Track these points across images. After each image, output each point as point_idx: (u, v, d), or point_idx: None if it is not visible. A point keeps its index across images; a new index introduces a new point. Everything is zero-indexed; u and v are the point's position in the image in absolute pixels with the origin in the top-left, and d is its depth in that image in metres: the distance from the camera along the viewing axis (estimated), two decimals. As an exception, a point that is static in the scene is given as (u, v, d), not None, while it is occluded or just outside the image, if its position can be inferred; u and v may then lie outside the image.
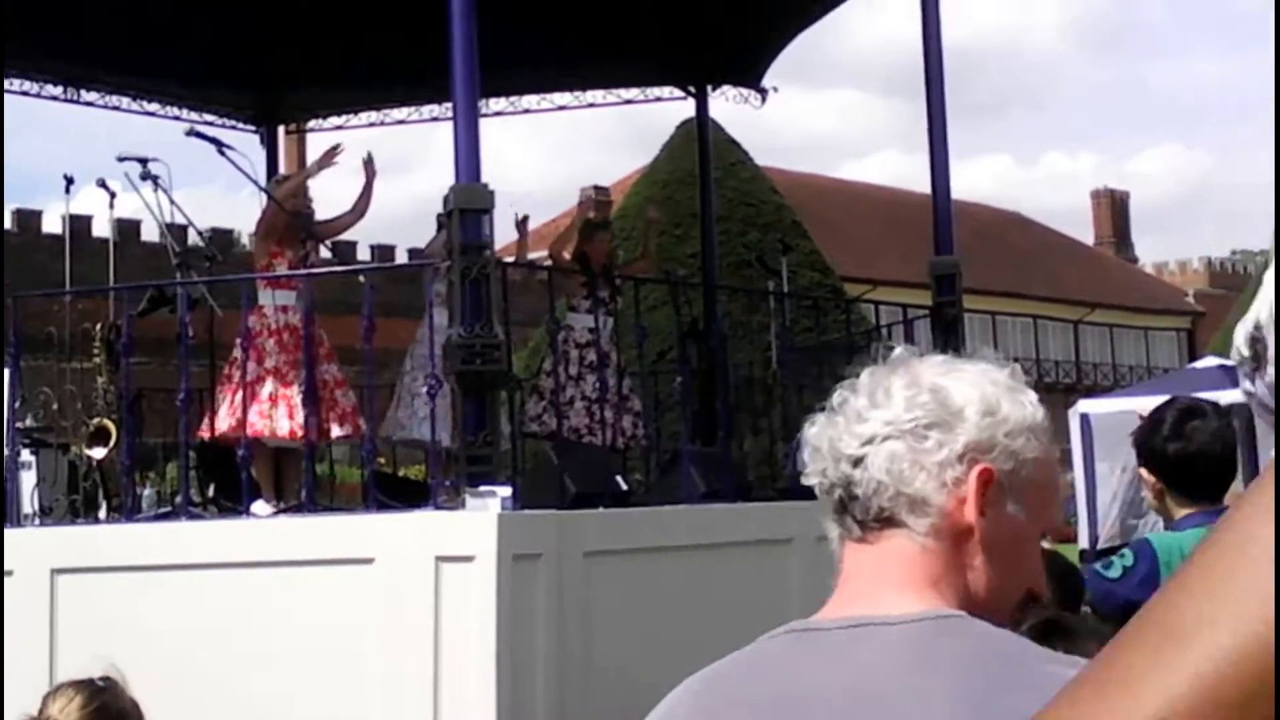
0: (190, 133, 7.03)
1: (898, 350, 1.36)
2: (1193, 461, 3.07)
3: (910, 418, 1.27)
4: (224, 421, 6.45)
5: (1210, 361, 15.89)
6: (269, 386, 6.41)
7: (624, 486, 6.54)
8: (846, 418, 1.31)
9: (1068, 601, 3.02)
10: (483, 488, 5.33)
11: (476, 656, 5.05)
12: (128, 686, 2.52)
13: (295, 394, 6.35)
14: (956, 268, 7.83)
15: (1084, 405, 15.39)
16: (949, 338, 7.79)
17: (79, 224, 18.02)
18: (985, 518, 1.26)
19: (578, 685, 5.06)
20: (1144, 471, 3.17)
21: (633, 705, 1.15)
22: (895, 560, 1.27)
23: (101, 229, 20.51)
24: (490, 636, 5.04)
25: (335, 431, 6.73)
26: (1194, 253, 52.75)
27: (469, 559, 5.16)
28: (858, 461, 1.29)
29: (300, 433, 6.25)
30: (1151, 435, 3.14)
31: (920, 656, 1.20)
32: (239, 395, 6.36)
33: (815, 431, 1.34)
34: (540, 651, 5.14)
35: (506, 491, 5.34)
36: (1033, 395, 1.33)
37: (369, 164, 7.14)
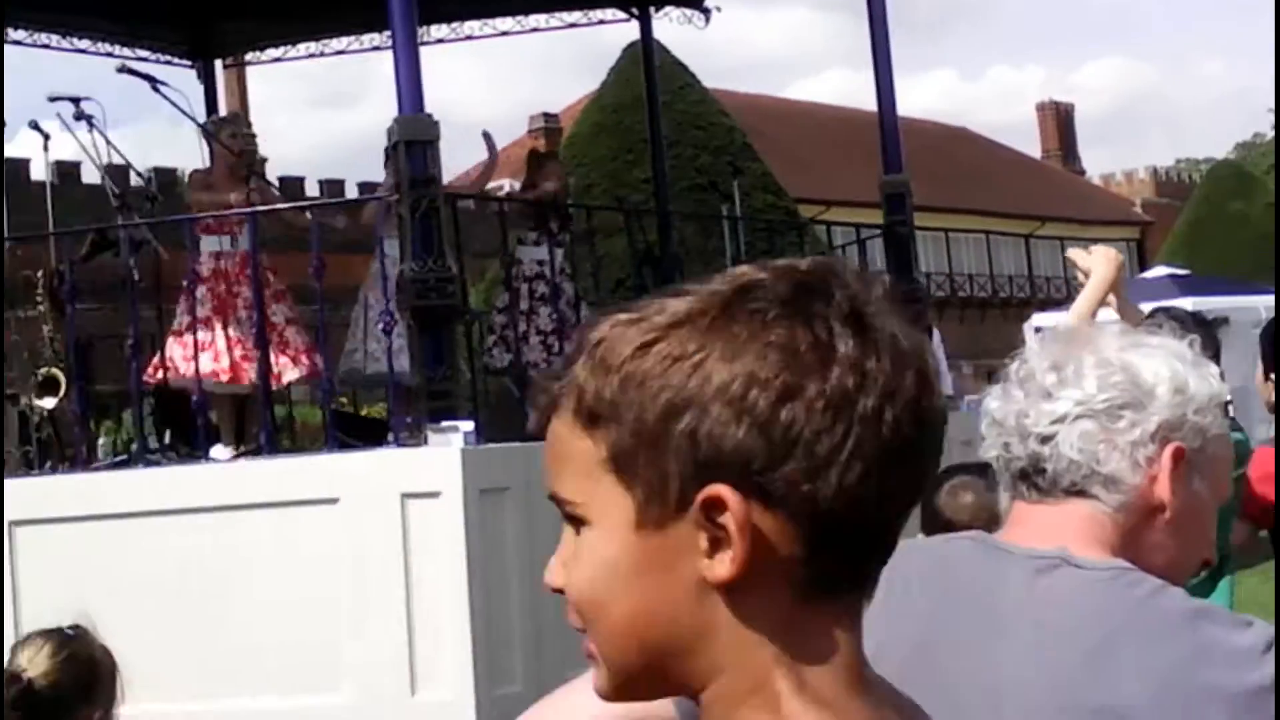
0: (122, 69, 6.84)
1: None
2: None
3: (1104, 398, 1.29)
4: (170, 367, 6.34)
5: (1160, 271, 16.12)
6: (200, 335, 6.27)
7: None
8: (1031, 393, 1.32)
9: None
10: (445, 423, 5.28)
11: (448, 592, 5.04)
12: (97, 633, 2.49)
13: (220, 341, 6.25)
14: (906, 186, 7.84)
15: (1038, 319, 15.65)
16: (901, 256, 7.80)
17: (15, 167, 17.64)
18: (1175, 495, 1.29)
19: (554, 616, 5.04)
20: None
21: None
22: (1080, 521, 1.30)
23: (39, 172, 20.07)
24: (461, 571, 5.02)
25: (288, 375, 6.59)
26: (1140, 163, 53.16)
27: (435, 495, 5.12)
28: (1046, 439, 1.30)
29: (226, 376, 6.18)
30: None
31: (1107, 603, 1.24)
32: (174, 344, 6.26)
33: (997, 405, 1.34)
34: (514, 584, 5.13)
35: (469, 426, 5.30)
36: (1214, 368, 1.35)
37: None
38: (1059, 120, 50.59)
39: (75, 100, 6.37)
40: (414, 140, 5.52)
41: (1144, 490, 1.29)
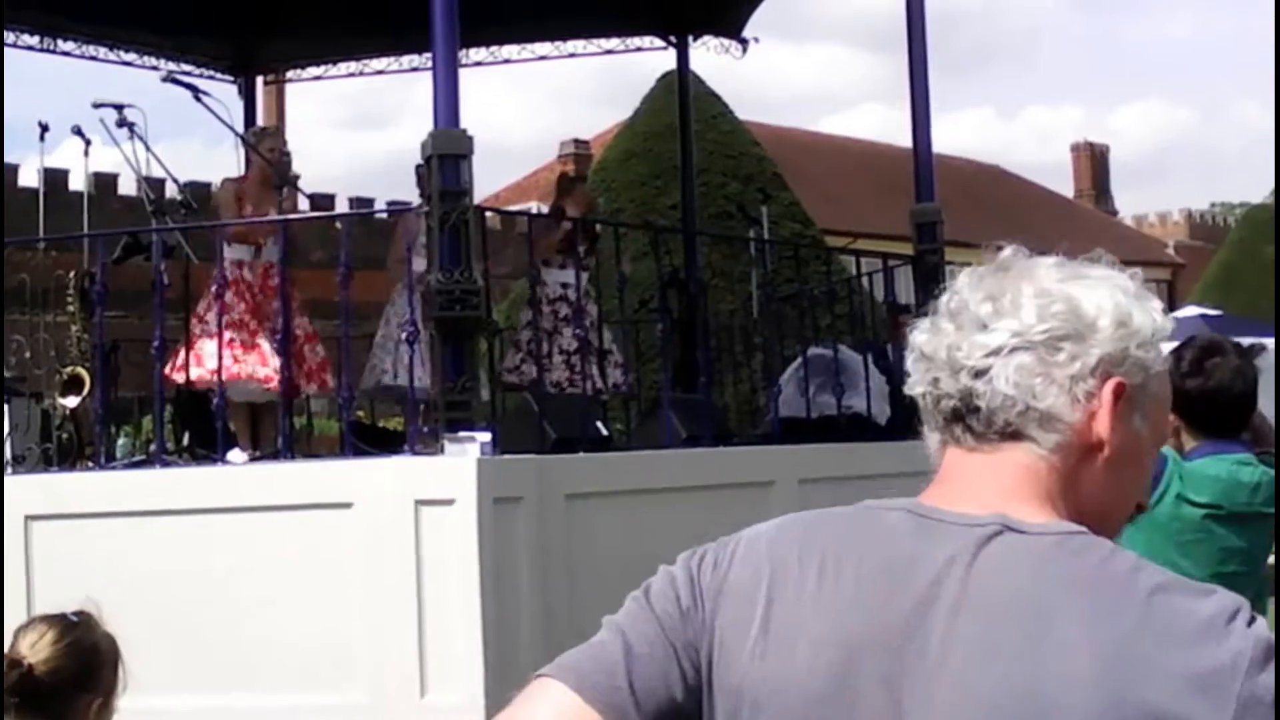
0: (167, 78, 6.95)
1: (1006, 251, 1.29)
2: (1211, 398, 3.05)
3: (1043, 329, 1.21)
4: (194, 370, 6.41)
5: (1191, 310, 15.97)
6: (238, 336, 6.36)
7: (604, 432, 6.54)
8: (964, 325, 1.23)
9: None
10: (462, 433, 5.30)
11: (460, 598, 5.06)
12: (103, 620, 2.48)
13: (265, 344, 6.34)
14: (938, 215, 7.83)
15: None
16: (930, 285, 7.80)
17: (55, 177, 17.86)
18: (1115, 433, 1.21)
19: (563, 626, 5.06)
20: None
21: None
22: (1015, 471, 1.21)
23: (78, 183, 20.32)
24: (473, 579, 5.04)
25: (304, 388, 6.72)
26: (1174, 205, 52.81)
27: (449, 503, 5.15)
28: (980, 373, 1.21)
29: (272, 383, 6.25)
30: (1171, 372, 3.10)
31: (1052, 570, 1.15)
32: (205, 344, 6.34)
33: (926, 339, 1.26)
34: (524, 593, 5.15)
35: (486, 437, 5.32)
36: (1158, 303, 1.28)
37: None
38: (1093, 161, 50.43)
39: (119, 107, 6.46)
40: (447, 154, 5.57)
41: (1082, 428, 1.21)
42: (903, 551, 1.20)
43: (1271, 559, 3.29)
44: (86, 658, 2.40)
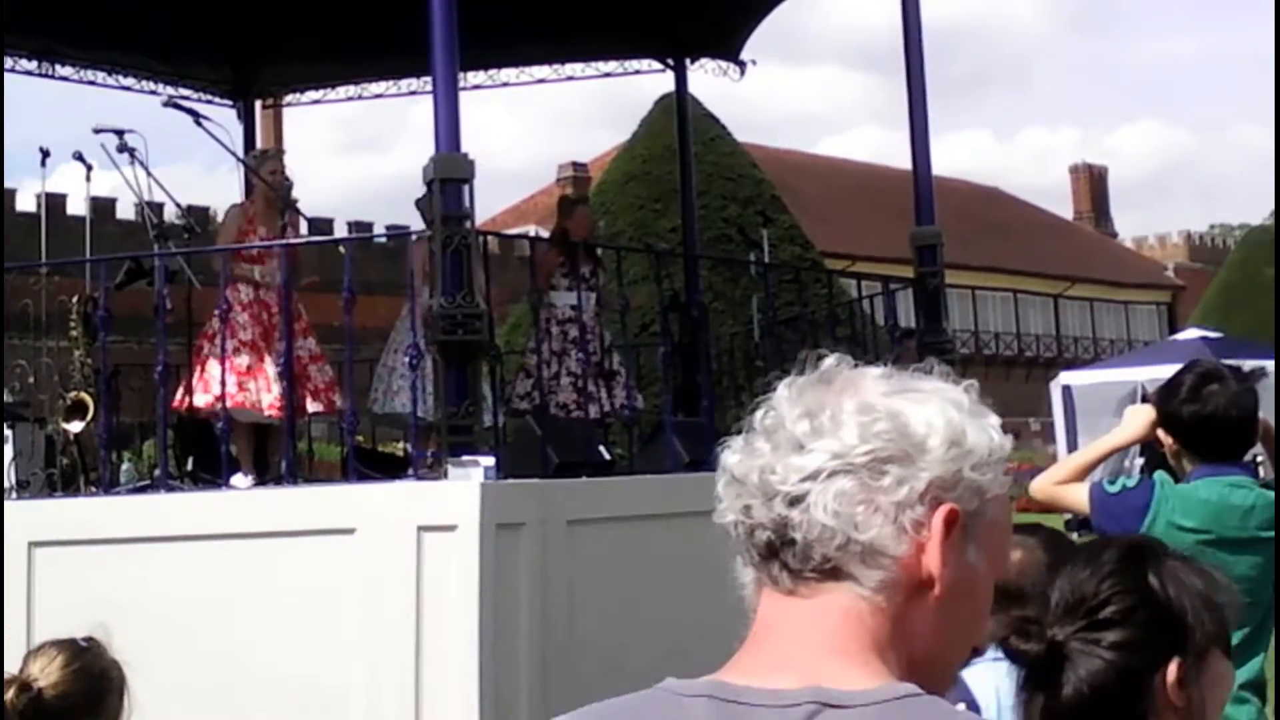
0: (168, 103, 6.98)
1: (829, 360, 1.15)
2: (1207, 424, 3.08)
3: (865, 449, 1.08)
4: (199, 396, 6.41)
5: (1192, 333, 15.99)
6: (243, 361, 6.38)
7: (606, 456, 6.54)
8: (779, 445, 1.11)
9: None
10: (465, 458, 5.30)
11: (459, 624, 5.05)
12: (111, 647, 2.51)
13: (270, 368, 6.35)
14: (938, 238, 7.84)
15: (1065, 377, 15.51)
16: (931, 308, 7.81)
17: (54, 202, 17.91)
18: (947, 566, 1.08)
19: (562, 652, 5.06)
20: (1161, 433, 3.17)
21: (617, 671, 1.10)
22: (837, 620, 1.08)
23: (77, 207, 20.36)
24: (473, 605, 5.04)
25: (310, 406, 6.72)
26: (1173, 227, 52.93)
27: (451, 528, 5.15)
28: (796, 500, 1.08)
29: (275, 409, 6.25)
30: (1169, 398, 3.15)
31: None
32: (212, 368, 6.33)
33: (738, 460, 1.13)
34: (524, 619, 5.15)
35: (489, 461, 5.32)
36: (995, 419, 1.14)
37: None
38: (1092, 183, 50.61)
39: (119, 132, 6.48)
40: (449, 178, 5.59)
41: (909, 562, 1.07)
42: None
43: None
44: (95, 683, 2.44)
